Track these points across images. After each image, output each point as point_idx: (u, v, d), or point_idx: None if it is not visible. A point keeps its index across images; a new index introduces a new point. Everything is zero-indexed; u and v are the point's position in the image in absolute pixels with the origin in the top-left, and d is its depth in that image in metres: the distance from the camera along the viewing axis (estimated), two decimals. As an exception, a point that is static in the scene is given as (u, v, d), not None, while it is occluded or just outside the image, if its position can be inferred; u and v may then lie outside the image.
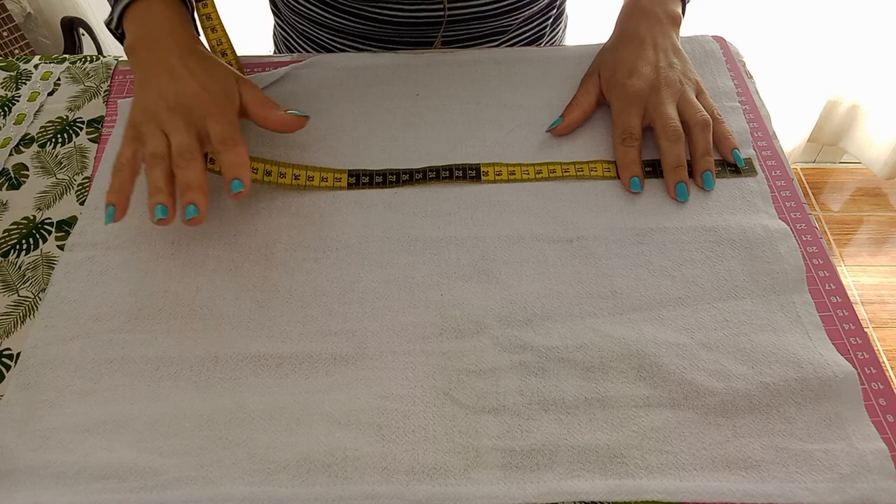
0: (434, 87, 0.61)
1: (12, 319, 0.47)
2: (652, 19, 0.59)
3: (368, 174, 0.54)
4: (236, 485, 0.39)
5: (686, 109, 0.54)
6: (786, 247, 0.49)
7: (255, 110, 0.51)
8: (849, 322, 0.46)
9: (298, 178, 0.53)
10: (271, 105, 0.51)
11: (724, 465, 0.40)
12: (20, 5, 1.53)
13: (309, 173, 0.53)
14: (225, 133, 0.48)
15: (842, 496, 0.38)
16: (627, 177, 0.53)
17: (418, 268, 0.49)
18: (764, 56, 1.49)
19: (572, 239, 0.50)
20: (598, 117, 0.58)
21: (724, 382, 0.42)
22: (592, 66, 0.60)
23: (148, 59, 0.51)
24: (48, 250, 0.51)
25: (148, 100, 0.49)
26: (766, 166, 0.55)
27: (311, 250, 0.50)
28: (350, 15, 0.67)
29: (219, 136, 0.47)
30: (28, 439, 0.41)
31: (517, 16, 0.69)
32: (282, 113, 0.51)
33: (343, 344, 0.45)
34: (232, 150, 0.47)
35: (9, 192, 0.55)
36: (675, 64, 0.57)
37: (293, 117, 0.51)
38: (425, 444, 0.41)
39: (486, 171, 0.54)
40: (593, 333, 0.45)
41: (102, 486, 0.39)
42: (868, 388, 0.43)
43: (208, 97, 0.49)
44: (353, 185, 0.53)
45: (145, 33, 0.52)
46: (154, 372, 0.44)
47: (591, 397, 0.42)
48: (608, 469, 0.40)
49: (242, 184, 0.46)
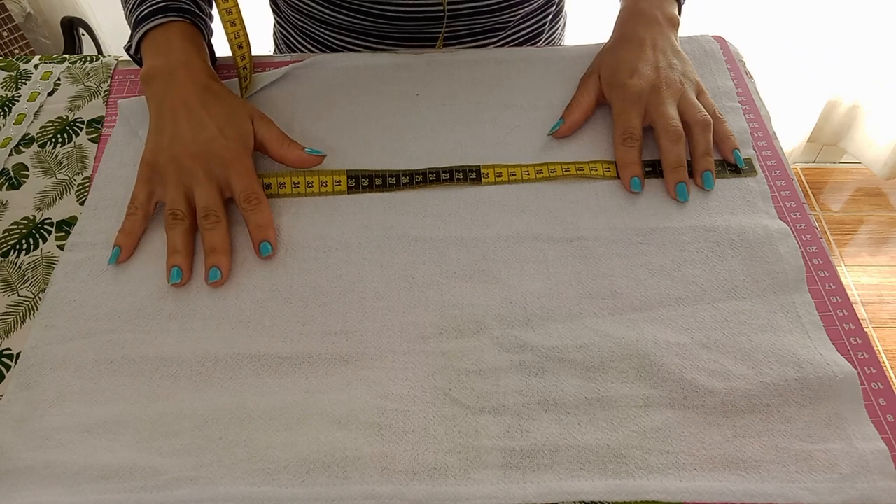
0: (434, 87, 0.61)
1: (12, 319, 0.47)
2: (651, 21, 0.59)
3: (368, 176, 0.54)
4: (236, 485, 0.39)
5: (687, 109, 0.54)
6: (786, 247, 0.49)
7: (273, 148, 0.52)
8: (849, 322, 0.46)
9: (298, 186, 0.53)
10: (288, 143, 0.52)
11: (724, 465, 0.40)
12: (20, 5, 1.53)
13: (308, 179, 0.53)
14: (249, 189, 0.50)
15: (842, 496, 0.38)
16: (628, 177, 0.53)
17: (418, 268, 0.49)
18: (764, 56, 1.49)
19: (572, 239, 0.50)
20: (598, 117, 0.58)
21: (724, 382, 0.42)
22: (592, 67, 0.60)
23: (164, 93, 0.52)
24: (48, 250, 0.51)
25: (165, 141, 0.50)
26: (766, 166, 0.55)
27: (311, 250, 0.50)
28: (350, 11, 0.67)
29: (243, 192, 0.49)
30: (28, 439, 0.41)
31: (516, 12, 0.69)
32: (300, 151, 0.52)
33: (343, 344, 0.45)
34: (258, 210, 0.49)
35: (9, 192, 0.55)
36: (675, 64, 0.57)
37: (311, 156, 0.52)
38: (425, 444, 0.41)
39: (486, 172, 0.54)
40: (593, 333, 0.45)
41: (102, 486, 0.39)
42: (868, 388, 0.43)
43: (227, 144, 0.50)
44: (353, 188, 0.53)
45: (163, 62, 0.54)
46: (154, 372, 0.44)
47: (591, 397, 0.42)
48: (608, 469, 0.40)
49: (271, 246, 0.49)
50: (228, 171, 0.50)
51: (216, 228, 0.48)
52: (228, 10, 0.56)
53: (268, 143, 0.52)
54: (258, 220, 0.49)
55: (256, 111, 0.53)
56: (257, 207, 0.49)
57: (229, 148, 0.50)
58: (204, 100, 0.52)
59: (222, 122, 0.51)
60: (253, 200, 0.49)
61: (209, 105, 0.52)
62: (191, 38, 0.55)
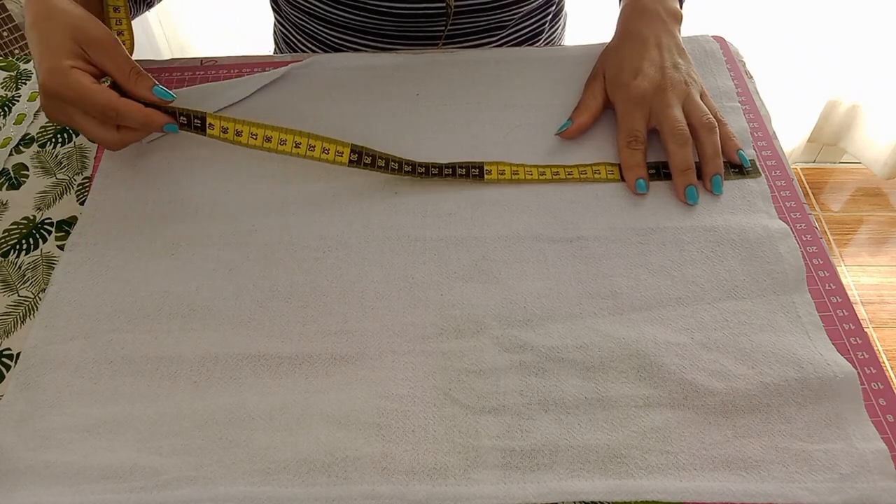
0: (434, 87, 0.61)
1: (12, 319, 0.47)
2: (654, 18, 0.58)
3: (371, 155, 0.52)
4: (236, 485, 0.39)
5: (692, 111, 0.54)
6: (786, 247, 0.49)
7: (118, 79, 0.50)
8: (849, 322, 0.46)
9: (299, 147, 0.51)
10: (135, 76, 0.49)
11: (724, 465, 0.40)
12: (20, 5, 1.53)
13: (311, 142, 0.51)
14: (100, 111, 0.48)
15: (842, 496, 0.38)
16: (633, 179, 0.53)
17: (418, 268, 0.49)
18: (764, 56, 1.49)
19: (572, 239, 0.50)
20: (601, 120, 0.58)
21: (724, 382, 0.42)
22: (596, 68, 0.60)
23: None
24: (48, 250, 0.51)
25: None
26: (766, 166, 0.55)
27: (311, 250, 0.50)
28: (351, 8, 0.67)
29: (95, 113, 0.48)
30: (28, 439, 0.41)
31: (516, 10, 0.69)
32: (147, 92, 0.49)
33: (343, 344, 0.45)
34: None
35: (9, 192, 0.55)
36: (679, 64, 0.56)
37: (158, 98, 0.50)
38: (425, 444, 0.41)
39: (490, 169, 0.54)
40: (593, 333, 0.45)
41: (102, 486, 0.39)
42: (868, 388, 0.43)
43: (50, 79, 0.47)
44: (354, 162, 0.52)
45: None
46: (154, 372, 0.44)
47: (591, 397, 0.42)
48: (608, 469, 0.40)
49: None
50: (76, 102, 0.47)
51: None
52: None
53: (112, 73, 0.49)
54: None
55: (90, 34, 0.48)
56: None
57: (55, 82, 0.47)
58: (38, 26, 0.49)
59: (42, 54, 0.47)
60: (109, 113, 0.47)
61: (38, 32, 0.48)
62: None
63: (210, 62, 0.64)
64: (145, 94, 0.49)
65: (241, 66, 0.63)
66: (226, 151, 0.56)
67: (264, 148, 0.51)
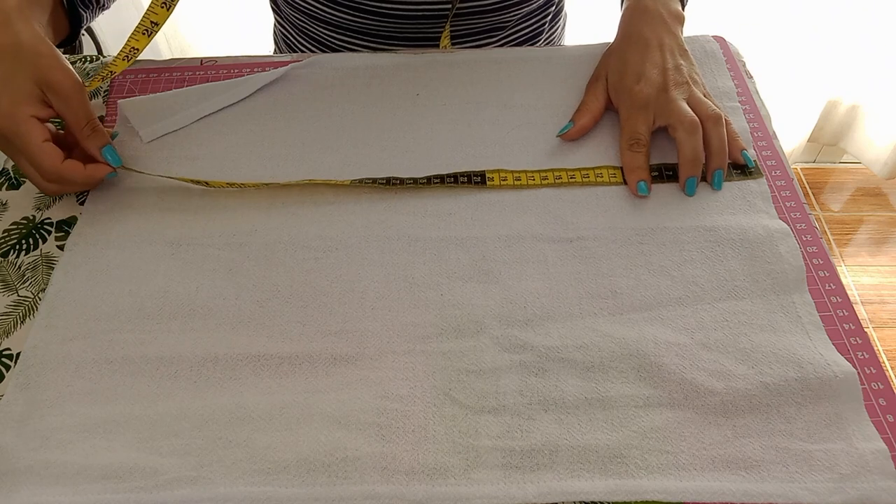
0: (434, 87, 0.61)
1: (12, 319, 0.47)
2: (656, 19, 0.58)
3: (372, 179, 0.53)
4: (236, 485, 0.39)
5: (697, 105, 0.54)
6: (786, 247, 0.49)
7: (74, 130, 0.50)
8: (849, 322, 0.46)
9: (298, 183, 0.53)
10: (90, 131, 0.50)
11: (724, 465, 0.40)
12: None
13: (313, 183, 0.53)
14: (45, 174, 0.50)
15: (842, 496, 0.38)
16: (635, 181, 0.53)
17: (418, 268, 0.49)
18: (764, 56, 1.49)
19: (572, 239, 0.50)
20: (603, 122, 0.58)
21: (724, 382, 0.42)
22: (598, 70, 0.59)
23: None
24: (48, 250, 0.51)
25: None
26: (766, 166, 0.55)
27: (311, 250, 0.50)
28: (351, 9, 0.67)
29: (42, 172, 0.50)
30: (28, 439, 0.41)
31: (516, 11, 0.69)
32: (96, 151, 0.51)
33: (343, 344, 0.45)
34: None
35: (9, 192, 0.55)
36: (682, 66, 0.56)
37: (100, 165, 0.51)
38: (425, 444, 0.41)
39: (492, 176, 0.54)
40: (593, 333, 0.45)
41: (102, 486, 0.39)
42: (868, 388, 0.43)
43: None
44: (356, 181, 0.53)
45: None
46: (154, 372, 0.44)
47: (591, 397, 0.42)
48: (608, 469, 0.40)
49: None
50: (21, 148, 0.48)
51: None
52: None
53: (68, 123, 0.49)
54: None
55: (54, 81, 0.48)
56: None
57: (6, 126, 0.47)
58: (4, 59, 0.47)
59: (2, 92, 0.47)
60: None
61: (2, 66, 0.47)
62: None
63: (210, 62, 0.64)
64: (94, 153, 0.51)
65: (241, 66, 0.63)
66: (226, 151, 0.56)
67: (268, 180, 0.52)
